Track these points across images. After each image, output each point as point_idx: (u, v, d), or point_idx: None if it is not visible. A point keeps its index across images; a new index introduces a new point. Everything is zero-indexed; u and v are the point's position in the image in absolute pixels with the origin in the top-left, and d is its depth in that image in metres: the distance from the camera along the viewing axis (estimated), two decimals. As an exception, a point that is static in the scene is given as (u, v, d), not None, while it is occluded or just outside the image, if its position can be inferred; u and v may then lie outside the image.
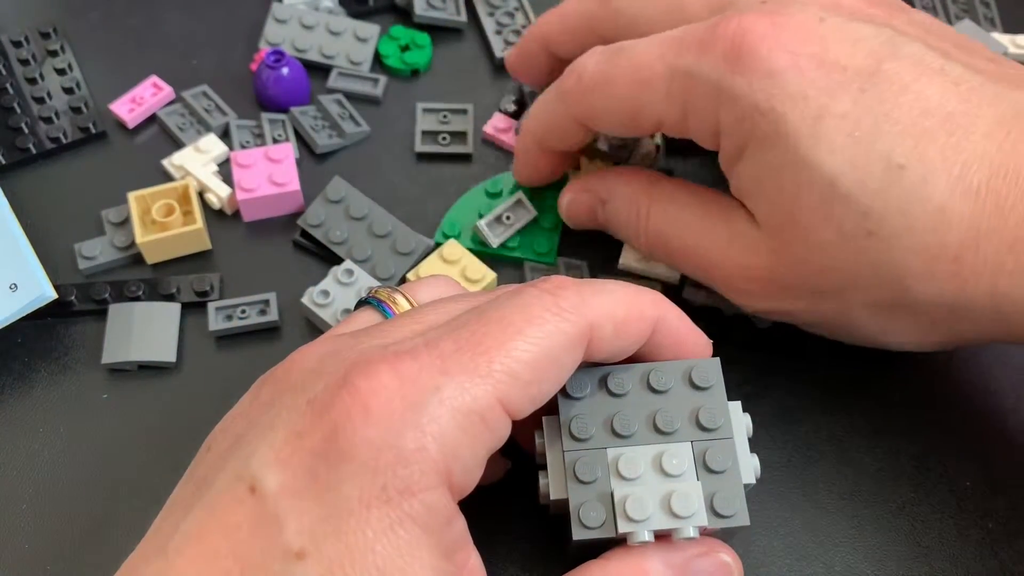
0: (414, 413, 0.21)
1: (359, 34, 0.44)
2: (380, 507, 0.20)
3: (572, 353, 0.24)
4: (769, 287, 0.30)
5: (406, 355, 0.22)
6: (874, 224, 0.26)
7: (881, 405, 0.34)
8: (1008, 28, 0.47)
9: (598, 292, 0.24)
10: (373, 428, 0.21)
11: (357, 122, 0.41)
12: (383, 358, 0.22)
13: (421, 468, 0.20)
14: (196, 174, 0.39)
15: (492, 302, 0.24)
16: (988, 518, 0.32)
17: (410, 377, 0.21)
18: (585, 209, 0.35)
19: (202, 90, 0.42)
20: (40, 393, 0.34)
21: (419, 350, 0.22)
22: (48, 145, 0.40)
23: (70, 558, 0.30)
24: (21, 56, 0.43)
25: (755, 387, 0.34)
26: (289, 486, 0.20)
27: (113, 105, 0.41)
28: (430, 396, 0.21)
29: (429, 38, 0.44)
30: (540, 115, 0.34)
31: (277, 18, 0.44)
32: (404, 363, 0.22)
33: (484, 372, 0.22)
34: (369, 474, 0.20)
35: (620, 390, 0.26)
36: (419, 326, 0.24)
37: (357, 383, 0.21)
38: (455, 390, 0.21)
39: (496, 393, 0.22)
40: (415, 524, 0.20)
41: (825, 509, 0.32)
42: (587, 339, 0.24)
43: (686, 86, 0.28)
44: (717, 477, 0.25)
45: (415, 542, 0.20)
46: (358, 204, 0.38)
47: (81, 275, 0.37)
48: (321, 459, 0.20)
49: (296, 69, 0.41)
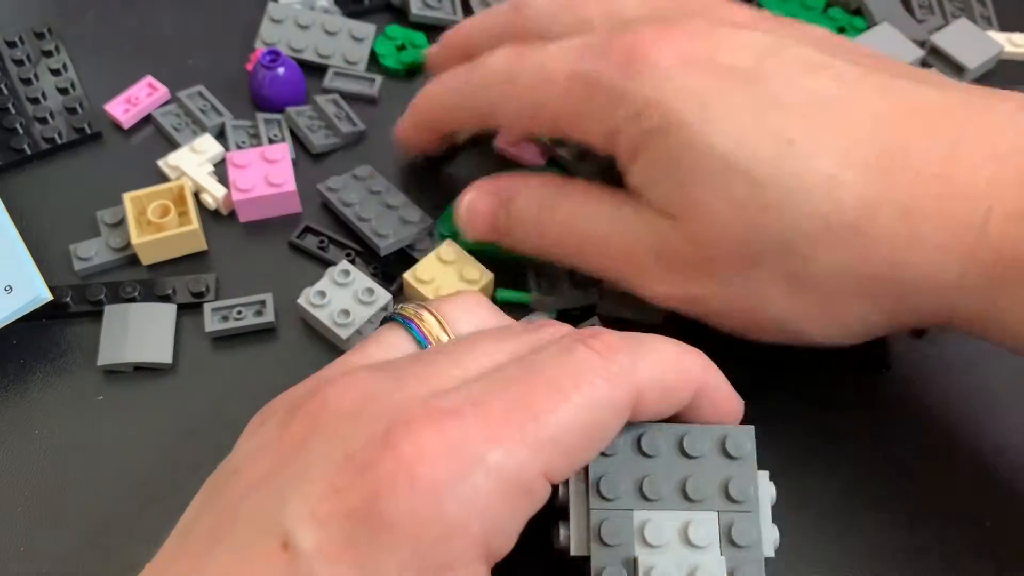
0: (460, 485, 0.20)
1: (355, 34, 0.44)
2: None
3: (619, 419, 0.23)
4: (678, 270, 0.29)
5: (452, 416, 0.21)
6: (769, 195, 0.27)
7: (879, 406, 0.34)
8: (1004, 27, 0.47)
9: (648, 354, 0.24)
10: (418, 499, 0.20)
11: (353, 122, 0.41)
12: (427, 415, 0.21)
13: (463, 544, 0.20)
14: (192, 175, 0.39)
15: (540, 357, 0.23)
16: (988, 520, 0.32)
17: (456, 443, 0.20)
18: (487, 213, 0.34)
19: (197, 90, 0.42)
20: (35, 395, 0.34)
21: (465, 411, 0.21)
22: (43, 146, 0.40)
23: (66, 560, 0.30)
24: (16, 56, 0.43)
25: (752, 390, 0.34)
26: (325, 549, 0.19)
27: (108, 105, 0.41)
28: (476, 467, 0.20)
29: (425, 38, 0.44)
30: (438, 99, 0.35)
31: (273, 18, 0.44)
32: (449, 425, 0.21)
33: (531, 441, 0.21)
34: (410, 547, 0.19)
35: (652, 451, 0.25)
36: (460, 371, 0.23)
37: (401, 445, 0.20)
38: (502, 460, 0.21)
39: (541, 464, 0.21)
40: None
41: (822, 509, 0.32)
42: (634, 404, 0.23)
43: (586, 86, 0.30)
44: (740, 551, 0.24)
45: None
46: (379, 183, 0.39)
47: (76, 276, 0.37)
48: (361, 524, 0.20)
49: (292, 69, 0.41)
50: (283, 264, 0.38)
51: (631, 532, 0.24)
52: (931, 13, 0.47)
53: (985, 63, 0.44)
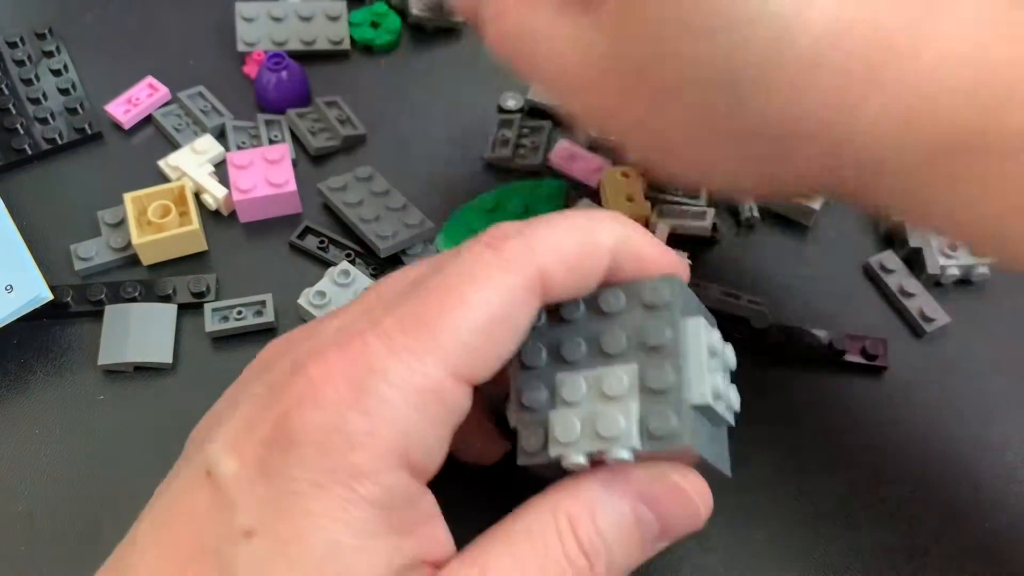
0: (363, 396, 0.21)
1: (329, 14, 0.44)
2: (331, 488, 0.20)
3: (526, 306, 0.23)
4: (609, 78, 0.27)
5: (354, 337, 0.22)
6: (722, 22, 0.24)
7: (878, 406, 0.34)
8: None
9: (545, 232, 0.23)
10: (322, 415, 0.21)
11: (354, 126, 0.41)
12: (334, 342, 0.22)
13: (372, 453, 0.20)
14: (192, 175, 0.39)
15: (435, 269, 0.23)
16: (987, 521, 0.32)
17: (358, 360, 0.21)
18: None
19: (198, 91, 0.42)
20: (36, 394, 0.34)
21: (365, 332, 0.22)
22: (44, 146, 0.40)
23: (66, 559, 0.30)
24: (16, 57, 0.43)
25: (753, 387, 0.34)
26: (242, 473, 0.21)
27: (109, 106, 0.41)
28: (379, 380, 0.21)
29: (400, 22, 0.45)
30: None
31: (245, 17, 0.44)
32: (352, 346, 0.21)
33: (431, 347, 0.21)
34: (318, 457, 0.20)
35: (570, 316, 0.25)
36: (368, 304, 0.24)
37: (308, 369, 0.21)
38: (404, 370, 0.21)
39: (447, 368, 0.21)
40: (370, 505, 0.20)
41: (821, 509, 0.32)
42: (540, 287, 0.23)
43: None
44: (657, 397, 0.23)
45: (369, 521, 0.20)
46: (380, 184, 0.39)
47: (77, 276, 0.37)
48: (273, 446, 0.21)
49: (296, 72, 0.41)
50: (283, 264, 0.38)
51: (551, 395, 0.24)
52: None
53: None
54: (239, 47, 0.44)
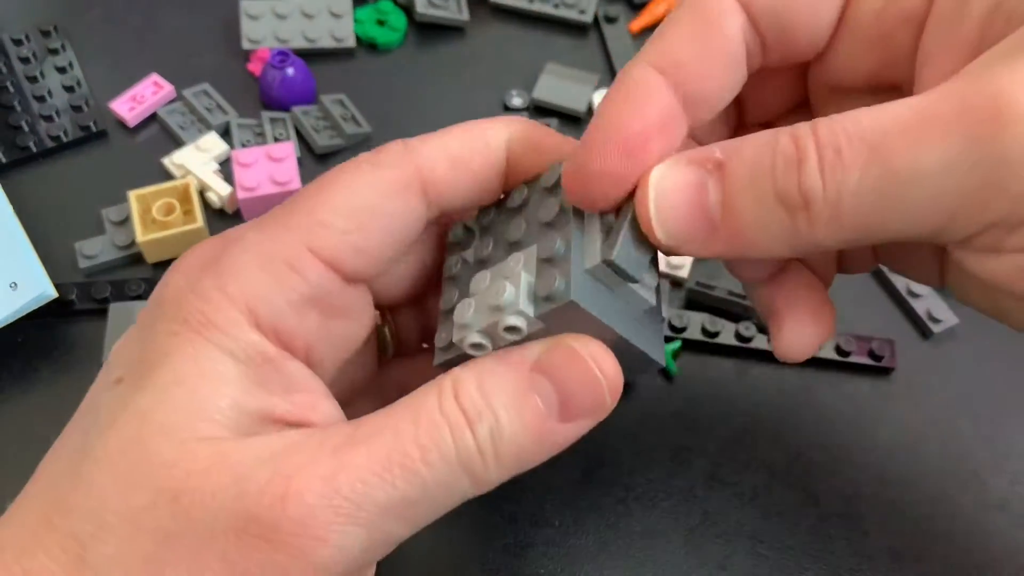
0: (217, 262, 0.22)
1: (333, 10, 0.44)
2: (183, 334, 0.21)
3: (397, 199, 0.23)
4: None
5: (235, 229, 0.24)
6: None
7: (884, 407, 0.34)
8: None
9: (429, 138, 0.24)
10: (181, 276, 0.22)
11: (358, 123, 0.41)
12: (219, 237, 0.24)
13: (219, 304, 0.21)
14: (197, 173, 0.39)
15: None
16: (992, 522, 0.31)
17: (224, 237, 0.23)
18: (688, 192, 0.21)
19: (203, 88, 0.42)
20: (40, 392, 0.34)
21: (242, 227, 0.24)
22: (48, 144, 0.40)
23: (70, 558, 0.30)
24: (21, 54, 0.43)
25: (740, 387, 0.34)
26: (123, 343, 0.23)
27: (113, 103, 0.41)
28: (234, 247, 0.22)
29: (406, 19, 0.45)
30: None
31: (250, 14, 0.44)
32: (228, 232, 0.23)
33: (292, 224, 0.22)
34: (173, 310, 0.22)
35: (485, 222, 0.25)
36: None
37: (184, 257, 0.23)
38: (258, 239, 0.22)
39: (304, 240, 0.22)
40: (221, 352, 0.21)
41: (824, 510, 0.32)
42: (417, 183, 0.23)
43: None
44: (549, 266, 0.21)
45: (217, 359, 0.21)
46: None
47: (81, 274, 0.37)
48: (147, 315, 0.23)
49: (301, 69, 0.41)
50: (288, 263, 0.38)
51: (460, 296, 0.24)
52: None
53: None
54: (244, 44, 0.43)
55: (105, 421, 0.21)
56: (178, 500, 0.19)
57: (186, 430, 0.20)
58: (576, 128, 0.42)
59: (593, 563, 0.30)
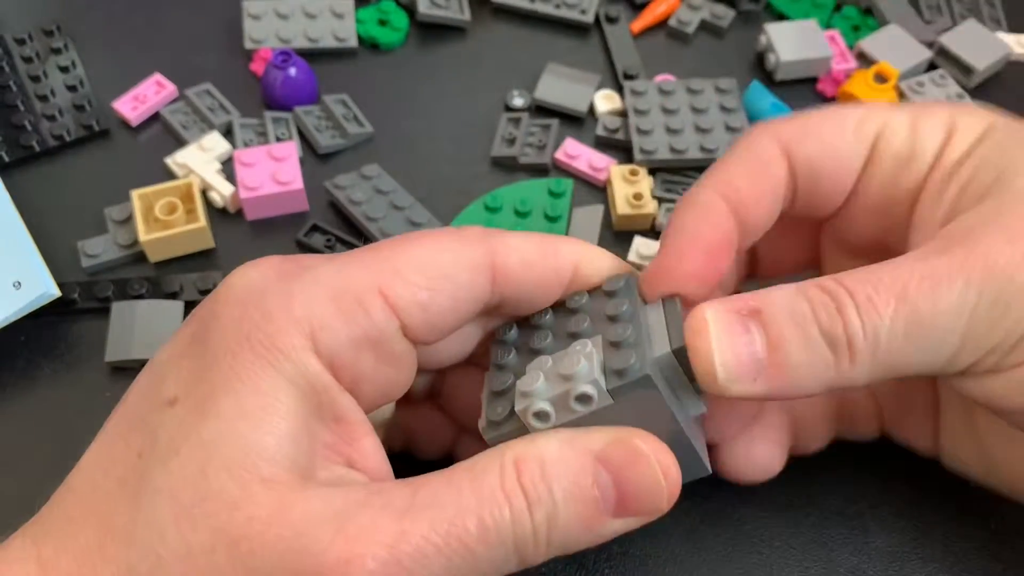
0: (285, 283, 0.22)
1: (336, 10, 0.44)
2: (244, 354, 0.21)
3: (471, 273, 0.23)
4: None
5: (305, 258, 0.24)
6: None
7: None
8: (1014, 28, 0.46)
9: (509, 233, 0.25)
10: (244, 292, 0.22)
11: (361, 123, 0.41)
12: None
13: (283, 327, 0.21)
14: (199, 172, 0.39)
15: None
16: (991, 518, 0.32)
17: (296, 260, 0.23)
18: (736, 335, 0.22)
19: (205, 88, 0.42)
20: (43, 391, 0.34)
21: (317, 256, 0.24)
22: (51, 143, 0.40)
23: (72, 556, 0.30)
24: (24, 54, 0.43)
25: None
26: (173, 351, 0.23)
27: (116, 103, 0.41)
28: (304, 274, 0.22)
29: (407, 19, 0.45)
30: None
31: (252, 14, 0.44)
32: (297, 258, 0.23)
33: (367, 264, 0.23)
34: (234, 326, 0.21)
35: (539, 321, 0.25)
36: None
37: (246, 270, 0.23)
38: (332, 271, 0.22)
39: (377, 281, 0.22)
40: (280, 375, 0.21)
41: (825, 510, 0.32)
42: (490, 266, 0.24)
43: None
44: (619, 347, 0.22)
45: (279, 387, 0.21)
46: (387, 183, 0.39)
47: (84, 273, 0.37)
48: (200, 326, 0.22)
49: (303, 69, 0.41)
50: (290, 262, 0.38)
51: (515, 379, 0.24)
52: (940, 14, 0.47)
53: (993, 65, 0.44)
54: (246, 44, 0.44)
55: (166, 448, 0.21)
56: (237, 545, 0.19)
57: (250, 470, 0.20)
58: (577, 128, 0.42)
59: (593, 563, 0.30)
